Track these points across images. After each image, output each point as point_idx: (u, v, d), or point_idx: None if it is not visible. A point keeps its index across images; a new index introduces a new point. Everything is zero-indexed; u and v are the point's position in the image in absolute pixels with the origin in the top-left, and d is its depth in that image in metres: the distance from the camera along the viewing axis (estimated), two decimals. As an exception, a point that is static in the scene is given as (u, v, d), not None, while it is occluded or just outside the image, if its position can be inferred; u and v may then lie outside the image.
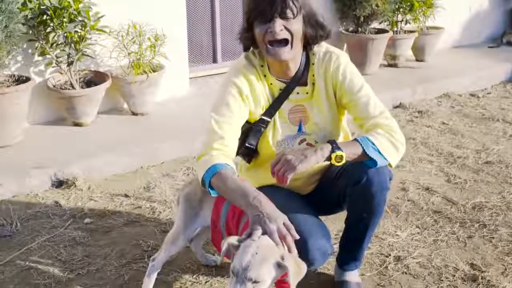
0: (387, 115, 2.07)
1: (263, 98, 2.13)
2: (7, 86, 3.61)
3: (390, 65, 5.83)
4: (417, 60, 6.07)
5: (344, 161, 1.93)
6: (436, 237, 2.80)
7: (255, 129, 2.14)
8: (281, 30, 1.95)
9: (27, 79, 3.73)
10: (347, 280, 2.33)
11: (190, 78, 4.92)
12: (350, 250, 2.30)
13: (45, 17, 3.72)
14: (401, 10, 5.60)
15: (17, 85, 3.65)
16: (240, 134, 2.09)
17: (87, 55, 4.02)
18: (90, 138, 3.81)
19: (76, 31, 3.83)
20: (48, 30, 3.77)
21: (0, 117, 3.50)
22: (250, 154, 2.22)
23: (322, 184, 2.27)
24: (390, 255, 2.63)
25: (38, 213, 3.04)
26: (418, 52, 6.01)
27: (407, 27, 5.81)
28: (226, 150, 1.98)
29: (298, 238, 1.73)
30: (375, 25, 5.59)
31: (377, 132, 2.00)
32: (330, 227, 2.78)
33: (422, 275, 2.49)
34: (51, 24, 3.72)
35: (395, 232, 2.84)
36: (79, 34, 3.86)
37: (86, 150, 3.60)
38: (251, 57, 2.14)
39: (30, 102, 3.76)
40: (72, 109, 3.92)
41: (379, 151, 1.96)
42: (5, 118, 3.53)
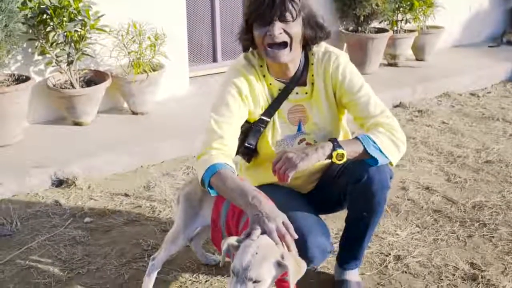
0: (388, 114, 2.07)
1: (262, 98, 2.13)
2: (7, 86, 3.62)
3: (390, 64, 5.83)
4: (417, 59, 6.06)
5: (345, 159, 1.93)
6: (436, 236, 2.80)
7: (255, 129, 2.14)
8: (280, 33, 1.95)
9: (27, 79, 3.73)
10: (347, 279, 2.33)
11: (190, 77, 4.91)
12: (350, 249, 2.30)
13: (45, 16, 3.72)
14: (401, 9, 5.60)
15: (17, 84, 3.65)
16: (239, 133, 2.09)
17: (87, 54, 4.02)
18: (90, 138, 3.81)
19: (76, 30, 3.83)
20: (48, 29, 3.76)
21: (0, 116, 3.50)
22: (249, 153, 2.22)
23: (322, 182, 2.27)
24: (390, 254, 2.63)
25: (38, 212, 3.04)
26: (418, 51, 6.01)
27: (407, 27, 5.80)
28: (226, 149, 1.98)
29: (297, 237, 1.74)
30: (375, 24, 5.59)
31: (378, 130, 2.01)
32: (331, 226, 2.78)
33: (422, 274, 2.49)
34: (51, 23, 3.72)
35: (395, 231, 2.84)
36: (79, 33, 3.86)
37: (86, 149, 3.60)
38: (250, 57, 2.14)
39: (30, 102, 3.76)
40: (72, 108, 3.92)
41: (380, 150, 1.97)
42: (5, 117, 3.53)
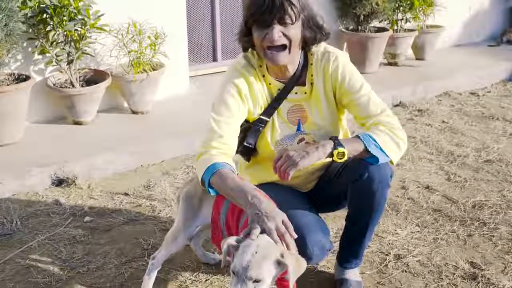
0: (389, 113, 2.07)
1: (262, 98, 2.13)
2: (7, 85, 3.62)
3: (390, 63, 5.83)
4: (417, 58, 6.07)
5: (346, 157, 1.93)
6: (436, 235, 2.80)
7: (254, 128, 2.14)
8: (279, 36, 1.95)
9: (27, 78, 3.73)
10: (347, 278, 2.33)
11: (190, 77, 4.91)
12: (351, 248, 2.30)
13: (45, 15, 3.72)
14: (401, 8, 5.60)
15: (17, 83, 3.65)
16: (239, 133, 2.09)
17: (87, 54, 4.02)
18: (90, 137, 3.81)
19: (76, 30, 3.83)
20: (48, 28, 3.77)
21: (0, 115, 3.50)
22: (248, 152, 2.22)
23: (322, 181, 2.27)
24: (390, 254, 2.63)
25: (38, 211, 3.04)
26: (418, 50, 6.01)
27: (407, 26, 5.80)
28: (225, 148, 1.98)
29: (296, 237, 1.74)
30: (375, 23, 5.59)
31: (378, 129, 2.00)
32: (331, 225, 2.79)
33: (422, 273, 2.49)
34: (51, 22, 3.72)
35: (395, 230, 2.84)
36: (79, 32, 3.86)
37: (86, 148, 3.60)
38: (250, 57, 2.14)
39: (30, 101, 3.76)
40: (72, 107, 3.92)
41: (381, 148, 1.97)
42: (5, 116, 3.53)
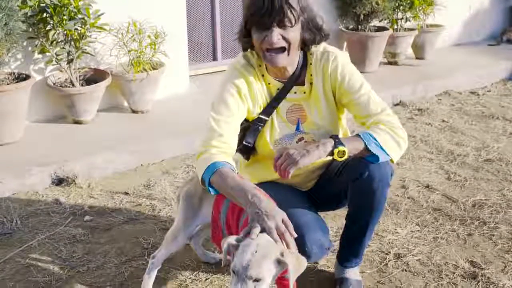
0: (389, 112, 2.07)
1: (261, 97, 2.13)
2: (7, 84, 3.62)
3: (390, 63, 5.83)
4: (417, 58, 6.07)
5: (346, 156, 1.93)
6: (436, 234, 2.80)
7: (253, 127, 2.14)
8: (278, 39, 1.95)
9: (27, 77, 3.73)
10: (347, 277, 2.33)
11: (190, 76, 4.91)
12: (351, 247, 2.30)
13: (45, 15, 3.72)
14: (401, 8, 5.60)
15: (17, 83, 3.65)
16: (239, 132, 2.09)
17: (87, 53, 4.02)
18: (90, 136, 3.81)
19: (76, 29, 3.83)
20: (48, 28, 3.76)
21: (0, 114, 3.50)
22: (248, 151, 2.23)
23: (322, 180, 2.27)
24: (390, 253, 2.63)
25: (38, 210, 3.04)
26: (418, 50, 6.01)
27: (407, 25, 5.80)
28: (225, 147, 1.98)
29: (296, 236, 1.74)
30: (375, 23, 5.59)
31: (379, 127, 2.00)
32: (331, 224, 2.79)
33: (422, 273, 2.49)
34: (51, 22, 3.72)
35: (395, 229, 2.84)
36: (79, 32, 3.86)
37: (86, 147, 3.60)
38: (249, 56, 2.14)
39: (30, 100, 3.76)
40: (72, 106, 3.92)
41: (381, 147, 1.96)
42: (5, 116, 3.52)
